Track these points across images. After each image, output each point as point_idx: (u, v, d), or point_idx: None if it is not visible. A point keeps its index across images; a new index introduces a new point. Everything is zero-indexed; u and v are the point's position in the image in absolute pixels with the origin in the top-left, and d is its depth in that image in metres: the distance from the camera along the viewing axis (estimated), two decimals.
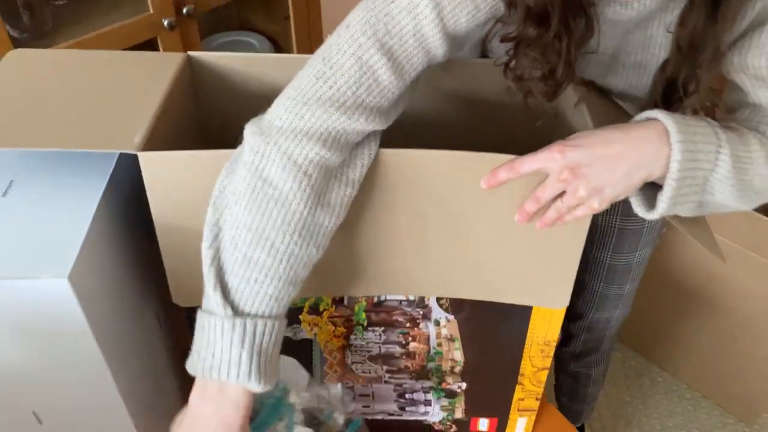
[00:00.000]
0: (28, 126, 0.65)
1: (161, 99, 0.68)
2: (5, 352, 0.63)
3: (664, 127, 0.59)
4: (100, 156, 0.67)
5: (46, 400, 0.69)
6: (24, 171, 0.67)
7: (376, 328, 0.78)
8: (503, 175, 0.60)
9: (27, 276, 0.57)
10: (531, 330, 0.77)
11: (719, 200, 0.63)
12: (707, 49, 0.61)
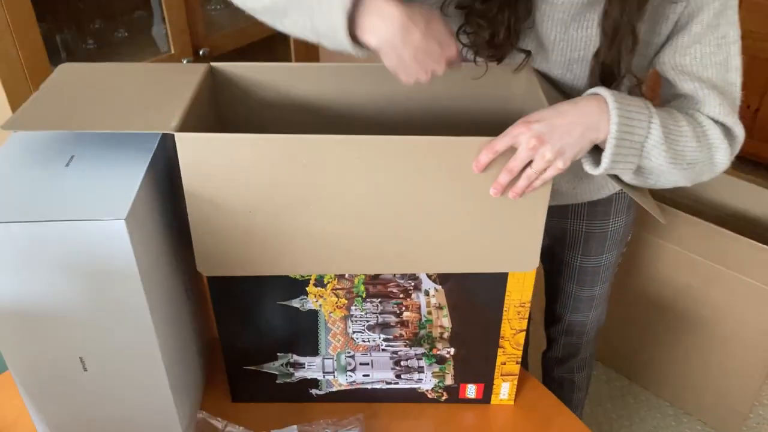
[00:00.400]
0: (83, 114, 0.79)
1: (190, 95, 0.82)
2: (61, 294, 0.75)
3: (604, 99, 0.73)
4: (144, 137, 0.81)
5: (93, 346, 0.80)
6: (82, 148, 0.80)
7: (374, 299, 0.90)
8: (485, 158, 0.74)
9: (90, 218, 0.69)
10: (508, 293, 0.89)
11: (656, 165, 0.77)
12: (627, 35, 0.77)
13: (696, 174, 0.82)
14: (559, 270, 1.22)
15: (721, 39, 0.81)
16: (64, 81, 0.87)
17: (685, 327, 1.71)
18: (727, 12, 0.80)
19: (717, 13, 0.80)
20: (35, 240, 0.71)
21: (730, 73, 0.82)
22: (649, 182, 0.82)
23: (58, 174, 0.76)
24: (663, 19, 0.82)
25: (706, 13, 0.80)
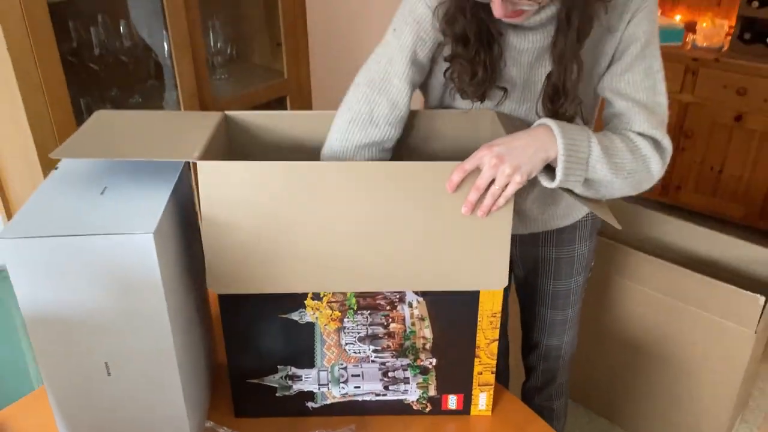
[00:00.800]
0: (116, 147, 0.94)
1: (209, 135, 0.98)
2: (92, 303, 0.87)
3: (549, 126, 0.90)
4: (167, 170, 0.96)
5: (117, 352, 0.91)
6: (114, 180, 0.94)
7: (364, 311, 1.02)
8: (456, 177, 0.89)
9: (122, 232, 0.83)
10: (481, 305, 1.01)
11: (601, 177, 0.93)
12: (571, 61, 0.95)
13: (637, 182, 0.98)
14: (534, 298, 1.35)
15: (648, 69, 1.00)
16: (99, 124, 1.02)
17: (657, 364, 1.82)
18: (650, 48, 1.01)
19: (642, 49, 1.00)
20: (71, 252, 0.83)
21: (657, 96, 1.01)
22: (600, 193, 0.98)
23: (93, 200, 0.90)
24: (602, 55, 1.03)
25: (633, 48, 1.00)
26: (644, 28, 0.99)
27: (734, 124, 2.84)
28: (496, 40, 1.01)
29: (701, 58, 2.83)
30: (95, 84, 1.56)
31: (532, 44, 1.02)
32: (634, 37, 1.00)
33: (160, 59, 1.66)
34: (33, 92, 1.29)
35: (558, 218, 1.25)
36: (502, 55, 1.03)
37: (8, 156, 1.48)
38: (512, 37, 1.02)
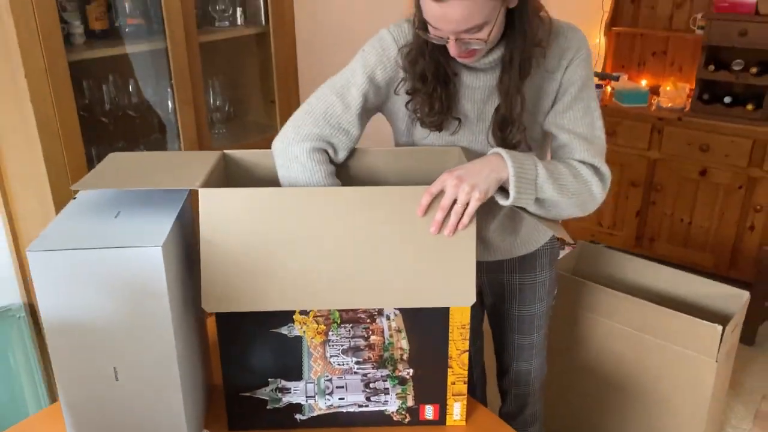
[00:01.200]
0: (129, 179, 1.08)
1: (209, 169, 1.12)
2: (104, 311, 0.98)
3: (500, 153, 1.05)
4: (172, 199, 1.09)
5: (125, 357, 1.02)
6: (126, 207, 1.08)
7: (347, 324, 1.14)
8: (425, 200, 1.03)
9: (134, 245, 0.95)
10: (451, 317, 1.13)
11: (549, 196, 1.07)
12: (515, 94, 1.11)
13: (582, 203, 1.13)
14: (502, 324, 1.47)
15: (586, 107, 1.17)
16: (112, 163, 1.17)
17: (628, 396, 1.91)
18: (586, 90, 1.18)
19: (579, 91, 1.17)
20: (90, 264, 0.96)
21: (595, 130, 1.18)
22: (551, 212, 1.12)
23: (108, 222, 1.03)
24: (545, 95, 1.20)
25: (572, 90, 1.17)
26: (580, 73, 1.17)
27: (700, 179, 3.03)
28: (452, 79, 1.18)
29: (666, 118, 3.05)
30: (105, 135, 1.71)
31: (483, 83, 1.19)
32: (571, 81, 1.17)
33: (162, 115, 1.83)
34: (51, 140, 1.44)
35: (518, 247, 1.39)
36: (457, 91, 1.20)
37: (21, 197, 1.62)
38: (466, 76, 1.19)
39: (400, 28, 1.21)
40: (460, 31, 1.05)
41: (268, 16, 1.85)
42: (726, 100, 2.93)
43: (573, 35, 1.19)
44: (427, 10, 1.05)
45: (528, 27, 1.10)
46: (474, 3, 1.00)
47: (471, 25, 1.04)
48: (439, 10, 1.02)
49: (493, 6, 1.03)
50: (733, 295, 1.90)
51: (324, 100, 1.19)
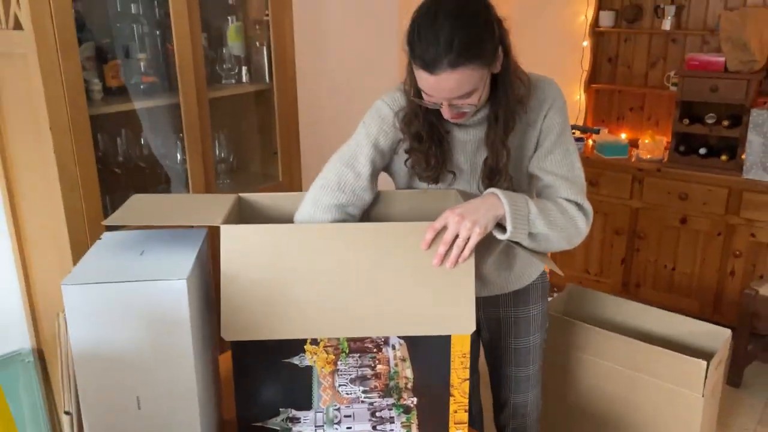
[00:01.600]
0: (154, 217, 1.17)
1: (227, 210, 1.21)
2: (130, 342, 1.05)
3: (495, 193, 1.15)
4: (193, 237, 1.18)
5: (147, 387, 1.08)
6: (150, 245, 1.16)
7: (354, 354, 1.21)
8: (429, 235, 1.13)
9: (159, 278, 1.03)
10: (452, 346, 1.21)
11: (540, 231, 1.17)
12: (501, 147, 1.23)
13: (569, 236, 1.23)
14: (499, 357, 1.55)
15: (565, 151, 1.29)
16: (137, 203, 1.25)
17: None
18: (564, 135, 1.30)
19: (558, 136, 1.29)
20: (119, 296, 1.03)
21: (575, 171, 1.29)
22: (542, 246, 1.22)
23: (135, 259, 1.11)
24: (528, 143, 1.31)
25: (552, 136, 1.29)
26: (557, 120, 1.29)
27: (681, 226, 3.15)
28: (445, 137, 1.30)
29: (645, 169, 3.20)
30: (117, 185, 1.80)
31: (473, 137, 1.31)
32: (550, 128, 1.29)
33: (170, 166, 1.92)
34: (71, 190, 1.53)
35: (512, 281, 1.49)
36: (450, 147, 1.31)
37: (37, 244, 1.69)
38: (458, 132, 1.31)
39: (392, 97, 1.33)
40: (453, 98, 1.17)
41: (272, 74, 1.98)
42: (701, 151, 3.09)
43: (549, 87, 1.32)
44: (422, 81, 1.17)
45: (510, 88, 1.23)
46: (464, 74, 1.12)
47: (462, 92, 1.16)
48: (433, 80, 1.14)
49: (481, 75, 1.16)
50: (716, 333, 1.99)
51: (336, 171, 1.30)
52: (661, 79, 3.47)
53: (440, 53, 1.09)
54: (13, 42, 1.48)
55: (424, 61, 1.12)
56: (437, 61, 1.10)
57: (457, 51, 1.09)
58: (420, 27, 1.13)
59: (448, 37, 1.09)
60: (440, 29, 1.10)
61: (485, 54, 1.14)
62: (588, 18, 3.58)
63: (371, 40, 2.73)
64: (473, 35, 1.11)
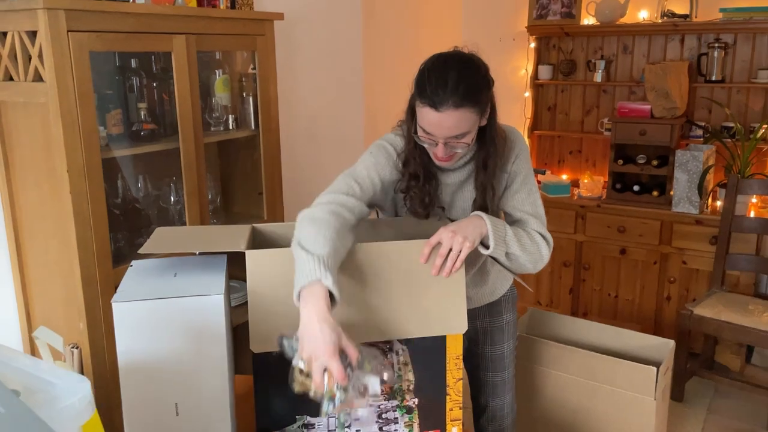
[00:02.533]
0: (182, 245, 1.31)
1: (246, 237, 1.37)
2: (171, 353, 1.18)
3: (480, 215, 1.36)
4: (217, 260, 1.33)
5: (185, 394, 1.21)
6: (181, 268, 1.30)
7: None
8: (426, 250, 1.32)
9: (200, 294, 1.18)
10: (447, 349, 1.39)
11: (513, 251, 1.38)
12: (489, 188, 1.44)
13: (535, 260, 1.45)
14: (478, 364, 1.74)
15: (529, 191, 1.53)
16: (163, 234, 1.40)
17: None
18: (528, 178, 1.54)
19: (523, 179, 1.53)
20: (162, 311, 1.17)
21: (538, 208, 1.53)
22: (514, 265, 1.43)
23: (170, 280, 1.25)
24: (499, 185, 1.53)
25: (519, 179, 1.53)
26: (524, 165, 1.54)
27: (621, 257, 3.46)
28: (435, 176, 1.52)
29: (586, 205, 3.51)
30: (116, 225, 1.91)
31: (454, 179, 1.54)
32: (518, 172, 1.53)
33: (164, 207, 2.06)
34: (84, 228, 1.65)
35: (486, 295, 1.71)
36: (438, 186, 1.53)
37: (41, 282, 1.79)
38: (442, 176, 1.54)
39: (393, 140, 1.53)
40: (450, 136, 1.38)
41: (258, 122, 2.16)
42: (635, 188, 3.43)
43: (516, 138, 1.57)
44: (425, 118, 1.38)
45: (495, 138, 1.47)
46: (464, 115, 1.35)
47: (458, 132, 1.37)
48: (437, 118, 1.35)
49: (475, 120, 1.39)
50: (661, 345, 2.23)
51: (344, 182, 1.45)
52: (595, 125, 3.84)
53: (447, 93, 1.32)
54: (32, 93, 1.61)
55: (432, 100, 1.34)
56: (444, 100, 1.32)
57: (461, 94, 1.32)
58: (430, 72, 1.36)
59: (456, 81, 1.32)
60: (449, 74, 1.33)
61: (482, 102, 1.37)
62: (528, 72, 3.94)
63: (340, 91, 2.96)
64: (475, 84, 1.35)
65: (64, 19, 1.54)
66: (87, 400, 0.76)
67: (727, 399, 3.01)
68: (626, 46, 3.67)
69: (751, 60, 3.38)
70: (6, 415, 0.59)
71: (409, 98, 1.44)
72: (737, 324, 2.72)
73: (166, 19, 1.80)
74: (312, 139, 2.69)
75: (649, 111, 3.36)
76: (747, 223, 3.00)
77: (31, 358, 0.81)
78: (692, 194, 3.21)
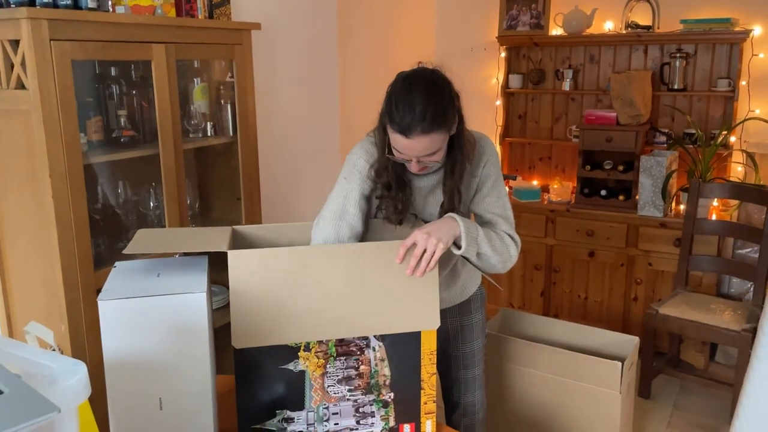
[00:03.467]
0: (167, 244, 1.36)
1: (228, 238, 1.42)
2: (154, 349, 1.23)
3: (453, 216, 1.43)
4: (198, 261, 1.38)
5: (168, 389, 1.25)
6: (164, 269, 1.35)
7: (341, 357, 1.43)
8: (401, 251, 1.38)
9: (185, 292, 1.22)
10: (422, 345, 1.45)
11: (485, 251, 1.46)
12: (456, 193, 1.52)
13: (504, 260, 1.52)
14: (449, 362, 1.81)
15: (498, 194, 1.61)
16: (145, 236, 1.44)
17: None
18: (498, 181, 1.62)
19: (493, 183, 1.61)
20: (147, 309, 1.21)
21: (507, 210, 1.62)
22: (484, 265, 1.50)
23: (154, 280, 1.30)
24: (469, 188, 1.61)
25: (488, 183, 1.61)
26: (493, 170, 1.62)
27: (589, 259, 3.56)
28: (407, 184, 1.59)
29: (556, 210, 3.61)
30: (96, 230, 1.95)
31: (426, 183, 1.61)
32: (487, 176, 1.61)
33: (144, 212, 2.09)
34: (65, 232, 1.68)
35: (456, 295, 1.78)
36: (411, 193, 1.60)
37: (22, 283, 1.81)
38: (415, 180, 1.61)
39: (365, 150, 1.60)
40: (421, 156, 1.46)
41: (236, 129, 2.21)
42: (602, 193, 3.54)
43: (486, 143, 1.64)
44: (396, 142, 1.45)
45: (463, 147, 1.54)
46: (433, 138, 1.42)
47: (429, 152, 1.45)
48: (407, 143, 1.42)
49: (444, 138, 1.46)
50: (626, 341, 2.33)
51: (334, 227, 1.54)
52: (564, 132, 3.95)
53: (415, 121, 1.39)
54: (15, 100, 1.65)
55: (401, 127, 1.40)
56: (412, 127, 1.39)
57: (429, 121, 1.39)
58: (397, 99, 1.42)
59: (423, 109, 1.39)
60: (415, 101, 1.39)
61: (448, 122, 1.44)
62: (499, 81, 4.04)
63: (317, 98, 3.03)
64: (441, 108, 1.41)
65: (47, 29, 1.58)
66: (84, 381, 0.80)
67: (692, 395, 3.12)
68: (593, 56, 3.80)
69: (711, 69, 3.52)
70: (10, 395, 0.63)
71: (380, 116, 1.50)
72: (700, 322, 2.83)
73: (146, 29, 1.84)
74: (289, 145, 2.74)
75: (615, 118, 3.48)
76: (708, 226, 3.13)
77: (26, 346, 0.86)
78: (656, 198, 3.33)
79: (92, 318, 1.70)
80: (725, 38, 3.38)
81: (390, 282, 1.40)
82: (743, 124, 3.43)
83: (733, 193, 3.10)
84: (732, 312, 2.90)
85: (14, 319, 1.87)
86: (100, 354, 1.22)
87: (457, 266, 1.74)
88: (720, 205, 3.51)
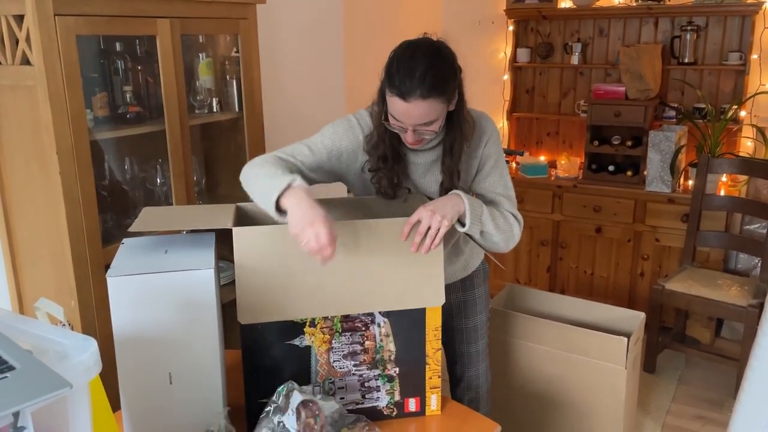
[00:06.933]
0: (173, 222, 1.37)
1: (233, 215, 1.43)
2: (163, 325, 1.24)
3: (458, 193, 1.43)
4: (205, 237, 1.38)
5: (178, 363, 1.27)
6: (171, 246, 1.36)
7: (347, 333, 1.44)
8: (406, 228, 1.38)
9: (193, 268, 1.23)
10: (427, 321, 1.46)
11: (488, 229, 1.46)
12: (455, 172, 1.51)
13: (506, 239, 1.52)
14: (453, 337, 1.83)
15: (500, 174, 1.61)
16: (150, 213, 1.45)
17: (558, 409, 2.26)
18: (499, 161, 1.61)
19: (495, 162, 1.61)
20: (156, 285, 1.23)
21: (509, 190, 1.61)
22: (487, 243, 1.50)
23: (162, 256, 1.31)
24: (470, 168, 1.61)
25: (490, 162, 1.60)
26: (494, 149, 1.61)
27: (596, 235, 3.56)
28: (402, 158, 1.58)
29: (563, 186, 3.60)
30: (103, 206, 1.96)
31: (423, 160, 1.60)
32: (488, 156, 1.60)
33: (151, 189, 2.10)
34: (73, 208, 1.69)
35: (459, 271, 1.79)
36: (406, 167, 1.59)
37: (31, 260, 1.83)
38: (411, 156, 1.60)
39: (363, 118, 1.59)
40: (418, 124, 1.44)
41: (242, 104, 2.20)
42: (610, 168, 3.52)
43: (486, 122, 1.63)
44: (394, 107, 1.43)
45: (462, 124, 1.52)
46: (431, 105, 1.40)
47: (426, 120, 1.43)
48: (405, 107, 1.40)
49: (442, 108, 1.45)
50: (632, 317, 2.33)
51: (294, 147, 1.53)
52: (572, 107, 3.92)
53: (415, 85, 1.37)
54: (20, 76, 1.65)
55: (400, 90, 1.39)
56: (411, 90, 1.37)
57: (428, 85, 1.37)
58: (399, 61, 1.40)
59: (423, 72, 1.37)
60: (417, 65, 1.37)
61: (448, 91, 1.43)
62: (507, 55, 4.00)
63: (322, 72, 3.01)
64: (442, 74, 1.40)
65: (51, 3, 1.57)
66: (95, 357, 0.82)
67: (697, 370, 3.14)
68: (602, 29, 3.74)
69: (722, 43, 3.47)
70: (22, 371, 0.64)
71: (380, 83, 1.48)
72: (707, 298, 2.83)
73: (151, 3, 1.83)
74: (295, 120, 2.73)
75: (624, 93, 3.44)
76: (717, 201, 3.11)
77: (37, 322, 0.87)
78: (665, 174, 3.31)
79: (101, 294, 1.72)
80: (737, 11, 3.33)
81: (395, 259, 1.40)
82: (754, 99, 3.39)
83: (742, 168, 3.07)
84: (739, 287, 2.89)
85: (24, 296, 1.89)
86: (109, 329, 1.23)
87: (460, 242, 1.74)
88: (729, 180, 3.49)
